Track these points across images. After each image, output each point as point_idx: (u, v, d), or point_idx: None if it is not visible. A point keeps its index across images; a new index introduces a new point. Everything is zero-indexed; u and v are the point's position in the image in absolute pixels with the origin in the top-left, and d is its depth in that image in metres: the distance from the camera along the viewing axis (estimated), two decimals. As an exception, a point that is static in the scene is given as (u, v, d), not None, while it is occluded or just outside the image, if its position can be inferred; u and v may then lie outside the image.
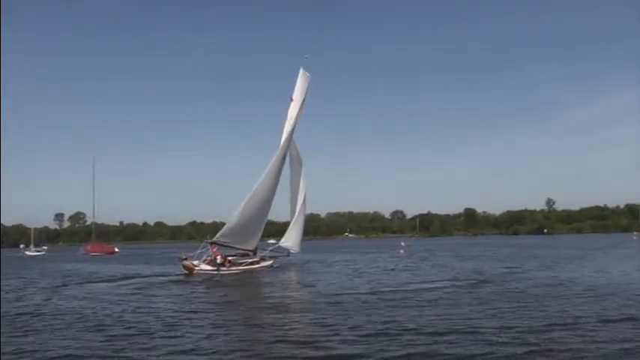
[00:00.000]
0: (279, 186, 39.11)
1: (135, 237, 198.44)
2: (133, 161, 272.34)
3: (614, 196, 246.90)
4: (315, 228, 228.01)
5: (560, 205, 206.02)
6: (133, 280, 30.22)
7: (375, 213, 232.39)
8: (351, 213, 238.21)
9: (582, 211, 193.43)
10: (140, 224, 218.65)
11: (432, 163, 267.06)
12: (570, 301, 17.44)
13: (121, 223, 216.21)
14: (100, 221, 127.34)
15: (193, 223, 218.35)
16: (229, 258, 35.44)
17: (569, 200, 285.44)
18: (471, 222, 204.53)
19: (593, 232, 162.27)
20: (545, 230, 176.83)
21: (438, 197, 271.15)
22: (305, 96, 39.74)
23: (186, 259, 34.40)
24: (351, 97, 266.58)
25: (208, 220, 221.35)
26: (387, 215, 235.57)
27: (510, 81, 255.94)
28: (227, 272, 33.44)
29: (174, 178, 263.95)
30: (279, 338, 12.65)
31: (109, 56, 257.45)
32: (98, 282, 29.92)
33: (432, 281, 25.46)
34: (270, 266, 37.58)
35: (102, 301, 20.27)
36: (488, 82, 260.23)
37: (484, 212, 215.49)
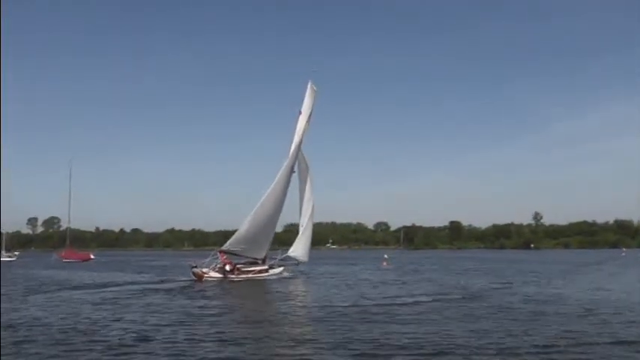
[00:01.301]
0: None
1: (111, 244, 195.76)
2: (111, 165, 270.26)
3: (603, 211, 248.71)
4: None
5: (548, 220, 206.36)
6: (116, 289, 29.97)
7: (359, 224, 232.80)
8: (333, 223, 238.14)
9: (570, 226, 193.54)
10: (116, 231, 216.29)
11: (418, 175, 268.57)
12: (559, 319, 17.52)
13: (97, 229, 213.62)
14: (75, 226, 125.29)
15: (171, 231, 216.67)
16: (238, 265, 37.60)
17: (557, 215, 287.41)
18: (456, 235, 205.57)
19: (581, 248, 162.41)
20: (532, 245, 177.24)
21: (423, 209, 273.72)
22: (312, 109, 41.77)
23: (196, 266, 36.62)
24: (333, 104, 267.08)
25: (187, 228, 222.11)
26: (371, 226, 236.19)
27: (497, 93, 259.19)
28: (236, 279, 35.85)
29: (152, 183, 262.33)
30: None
31: (84, 56, 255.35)
32: (74, 289, 29.35)
33: (417, 295, 25.52)
34: (279, 275, 39.33)
35: (78, 310, 19.90)
36: (475, 93, 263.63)
37: (469, 225, 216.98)
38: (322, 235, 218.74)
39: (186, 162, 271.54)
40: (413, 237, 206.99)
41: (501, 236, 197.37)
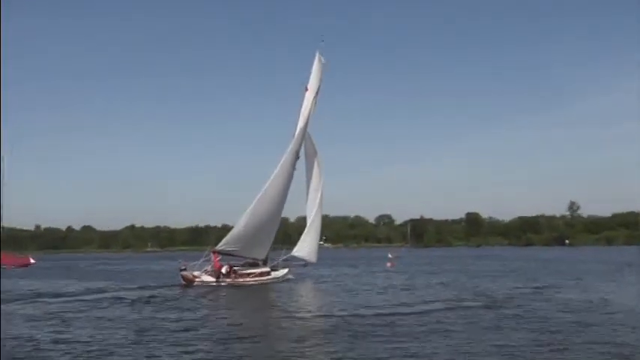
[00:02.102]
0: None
1: (55, 245, 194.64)
2: (54, 150, 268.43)
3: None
4: (284, 235, 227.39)
5: (586, 211, 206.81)
6: (59, 301, 29.25)
7: (357, 217, 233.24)
8: (326, 217, 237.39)
9: (614, 217, 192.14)
10: (63, 229, 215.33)
11: (427, 158, 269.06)
12: (606, 331, 17.35)
13: (38, 227, 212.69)
14: (9, 225, 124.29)
15: (131, 228, 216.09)
16: (235, 268, 38.27)
17: (598, 204, 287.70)
18: (474, 229, 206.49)
19: (628, 244, 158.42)
20: (567, 241, 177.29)
21: (434, 199, 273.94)
22: (320, 84, 42.64)
23: (185, 269, 37.28)
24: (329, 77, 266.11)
25: (150, 224, 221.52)
26: (371, 220, 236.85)
27: (520, 59, 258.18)
28: (232, 284, 36.76)
29: (106, 171, 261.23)
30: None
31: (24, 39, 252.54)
32: (5, 303, 28.75)
33: (429, 302, 25.54)
34: (283, 278, 40.29)
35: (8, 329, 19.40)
36: (494, 60, 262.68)
37: (490, 218, 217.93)
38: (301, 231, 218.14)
39: (149, 146, 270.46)
40: (422, 232, 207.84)
41: (529, 230, 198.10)
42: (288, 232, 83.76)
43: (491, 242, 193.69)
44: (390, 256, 72.15)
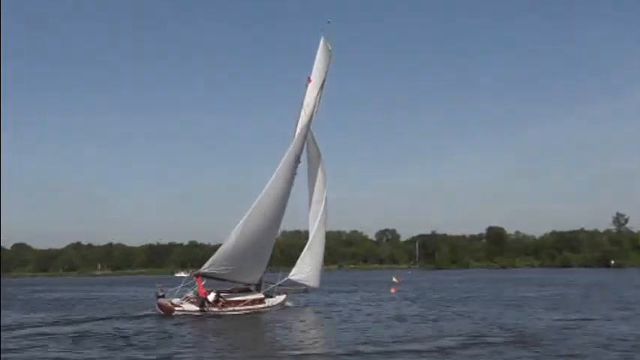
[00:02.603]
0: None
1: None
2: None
3: None
4: (280, 253, 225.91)
5: (636, 225, 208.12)
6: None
7: (354, 233, 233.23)
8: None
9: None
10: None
11: (441, 161, 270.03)
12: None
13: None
14: None
15: (77, 246, 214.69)
16: (222, 294, 38.79)
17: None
18: (497, 247, 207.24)
19: None
20: (612, 261, 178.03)
21: (448, 210, 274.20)
22: (326, 75, 43.51)
23: (163, 295, 37.82)
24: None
25: (100, 241, 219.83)
26: (372, 236, 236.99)
27: (559, 47, 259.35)
28: (219, 313, 37.18)
29: (45, 178, 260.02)
30: None
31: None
32: None
33: (443, 337, 25.58)
34: (280, 306, 41.43)
35: None
36: (526, 47, 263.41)
37: (517, 233, 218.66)
38: (300, 248, 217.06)
39: (97, 148, 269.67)
40: (433, 251, 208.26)
41: (565, 249, 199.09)
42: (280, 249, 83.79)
43: (518, 263, 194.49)
44: (394, 280, 71.86)
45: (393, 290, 61.95)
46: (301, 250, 44.56)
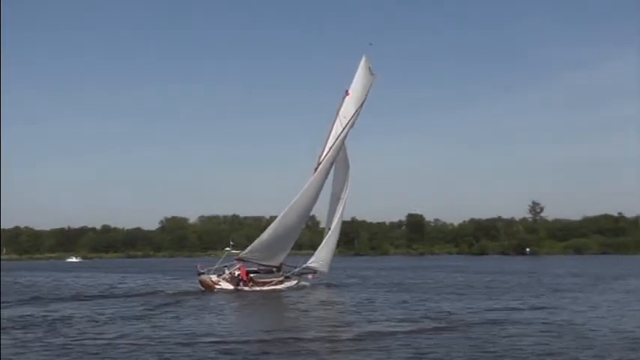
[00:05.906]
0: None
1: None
2: None
3: (633, 202, 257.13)
4: (181, 239, 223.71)
5: (552, 213, 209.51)
6: None
7: (272, 218, 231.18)
8: (235, 217, 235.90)
9: (585, 221, 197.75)
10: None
11: (358, 145, 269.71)
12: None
13: None
14: None
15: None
16: (251, 275, 46.62)
17: (565, 206, 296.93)
18: (416, 235, 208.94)
19: (603, 253, 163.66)
20: (528, 249, 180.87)
21: (368, 197, 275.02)
22: (367, 95, 49.55)
23: (204, 272, 45.17)
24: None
25: (6, 225, 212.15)
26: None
27: (487, 29, 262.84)
28: (250, 291, 44.99)
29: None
30: None
31: None
32: None
33: (373, 322, 26.12)
34: (298, 285, 48.81)
35: None
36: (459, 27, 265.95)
37: (436, 221, 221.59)
38: (218, 234, 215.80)
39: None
40: (352, 238, 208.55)
41: (483, 236, 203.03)
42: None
43: (437, 250, 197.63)
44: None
45: (309, 276, 61.32)
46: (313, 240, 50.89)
